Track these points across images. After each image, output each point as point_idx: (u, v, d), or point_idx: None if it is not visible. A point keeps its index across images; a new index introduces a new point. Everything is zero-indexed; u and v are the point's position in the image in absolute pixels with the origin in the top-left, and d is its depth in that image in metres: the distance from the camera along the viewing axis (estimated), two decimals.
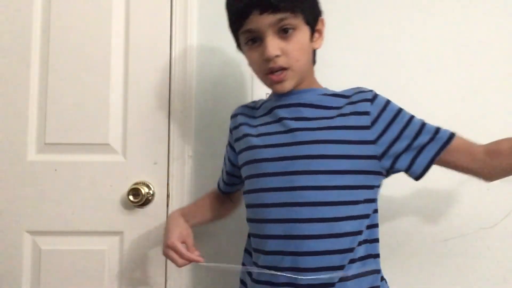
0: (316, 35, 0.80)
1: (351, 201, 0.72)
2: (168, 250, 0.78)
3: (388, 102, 0.76)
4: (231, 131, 0.90)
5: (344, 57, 1.08)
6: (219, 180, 0.97)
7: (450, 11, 1.08)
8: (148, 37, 1.11)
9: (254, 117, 0.85)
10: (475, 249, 1.02)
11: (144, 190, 1.05)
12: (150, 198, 1.07)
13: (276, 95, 0.82)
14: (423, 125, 0.73)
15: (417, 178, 0.74)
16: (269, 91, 0.85)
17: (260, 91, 1.09)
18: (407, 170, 0.73)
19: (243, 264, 0.84)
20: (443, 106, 1.05)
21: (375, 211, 0.76)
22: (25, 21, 1.11)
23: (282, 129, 0.77)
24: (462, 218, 1.02)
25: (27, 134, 1.10)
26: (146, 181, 1.08)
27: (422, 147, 0.72)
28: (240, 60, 1.11)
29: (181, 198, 1.08)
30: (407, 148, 0.72)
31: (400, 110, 0.75)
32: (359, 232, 0.72)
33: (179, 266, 0.77)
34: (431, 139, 0.72)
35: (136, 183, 1.06)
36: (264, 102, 0.88)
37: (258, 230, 0.76)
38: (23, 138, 1.10)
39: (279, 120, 0.79)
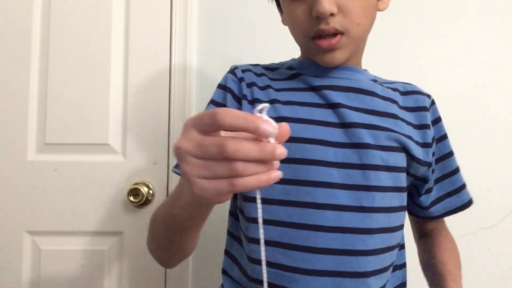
0: None
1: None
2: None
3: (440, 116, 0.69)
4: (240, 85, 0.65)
5: None
6: None
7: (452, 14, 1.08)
8: (148, 37, 1.11)
9: (283, 89, 0.64)
10: (475, 249, 1.02)
11: (144, 190, 1.05)
12: (150, 198, 1.07)
13: (312, 67, 0.65)
14: (458, 168, 0.69)
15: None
16: None
17: None
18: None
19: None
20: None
21: None
22: (25, 21, 1.11)
23: (335, 120, 0.59)
24: (462, 218, 1.02)
25: (27, 134, 1.10)
26: (146, 181, 1.08)
27: (448, 193, 0.69)
28: (240, 60, 1.11)
29: None
30: (435, 181, 0.69)
31: (446, 135, 0.69)
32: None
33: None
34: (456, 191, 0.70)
35: (136, 183, 1.06)
36: (288, 67, 0.69)
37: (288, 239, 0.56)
38: (23, 138, 1.10)
39: (333, 106, 0.60)
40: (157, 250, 0.60)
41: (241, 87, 0.64)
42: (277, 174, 0.34)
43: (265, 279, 0.37)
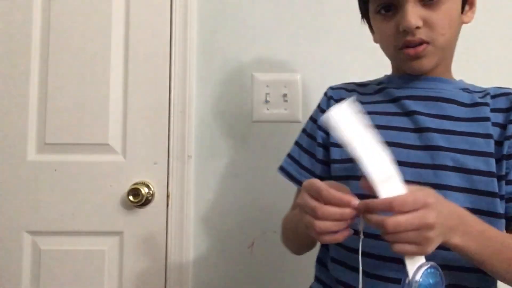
0: (467, 7, 0.68)
1: None
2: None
3: None
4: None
5: (344, 56, 1.09)
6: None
7: None
8: (148, 37, 1.11)
9: (368, 102, 0.71)
10: None
11: (144, 190, 1.05)
12: (150, 198, 1.07)
13: (399, 79, 0.72)
14: None
15: None
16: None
17: (261, 91, 1.09)
18: None
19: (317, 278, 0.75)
20: None
21: None
22: (25, 21, 1.11)
23: (410, 125, 0.65)
24: None
25: (27, 134, 1.10)
26: (146, 181, 1.08)
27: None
28: (240, 60, 1.11)
29: (181, 198, 1.08)
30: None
31: None
32: None
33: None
34: None
35: (136, 183, 1.06)
36: (377, 83, 0.76)
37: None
38: (23, 138, 1.10)
39: (409, 114, 0.66)
40: (291, 246, 0.78)
41: (329, 104, 0.75)
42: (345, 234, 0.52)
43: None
